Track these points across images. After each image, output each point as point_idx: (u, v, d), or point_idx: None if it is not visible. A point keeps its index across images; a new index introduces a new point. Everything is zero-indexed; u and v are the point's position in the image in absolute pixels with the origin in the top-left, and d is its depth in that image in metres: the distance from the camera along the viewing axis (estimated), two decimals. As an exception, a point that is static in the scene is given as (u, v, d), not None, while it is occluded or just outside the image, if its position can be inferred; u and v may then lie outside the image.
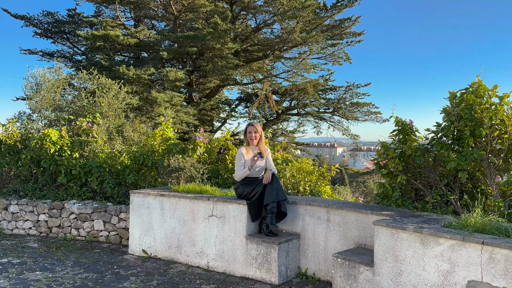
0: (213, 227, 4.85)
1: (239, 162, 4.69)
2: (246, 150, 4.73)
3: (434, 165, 4.23)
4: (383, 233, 3.55)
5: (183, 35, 14.15)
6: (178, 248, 5.16)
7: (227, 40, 14.01)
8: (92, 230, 6.36)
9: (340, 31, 15.68)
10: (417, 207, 4.18)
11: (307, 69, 17.25)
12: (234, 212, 4.68)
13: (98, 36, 13.91)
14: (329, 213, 4.42)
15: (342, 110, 20.89)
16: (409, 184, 4.38)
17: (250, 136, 4.73)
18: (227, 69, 15.15)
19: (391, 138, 4.62)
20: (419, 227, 3.36)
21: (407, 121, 4.48)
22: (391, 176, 4.45)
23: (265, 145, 4.84)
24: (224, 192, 5.15)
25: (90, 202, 6.59)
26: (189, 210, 5.05)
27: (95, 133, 7.48)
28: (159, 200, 5.32)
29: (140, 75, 13.59)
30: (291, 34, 14.89)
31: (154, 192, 5.39)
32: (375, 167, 4.56)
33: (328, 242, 4.41)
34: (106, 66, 14.17)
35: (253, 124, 4.77)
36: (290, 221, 4.75)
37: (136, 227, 5.54)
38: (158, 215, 5.32)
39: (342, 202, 4.62)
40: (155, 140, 6.66)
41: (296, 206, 4.70)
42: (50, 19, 18.34)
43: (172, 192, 5.35)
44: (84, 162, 6.97)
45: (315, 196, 5.36)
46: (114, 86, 9.23)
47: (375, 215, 4.05)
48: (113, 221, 6.21)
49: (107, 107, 8.56)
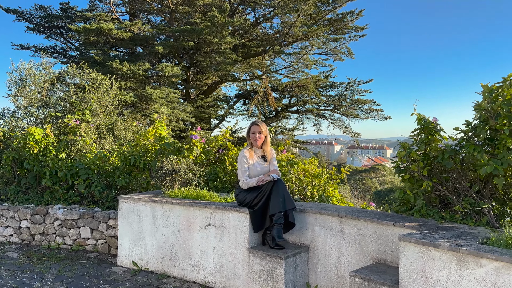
0: (211, 238, 4.32)
1: (242, 168, 4.16)
2: (249, 152, 4.20)
3: (463, 169, 3.71)
4: (411, 251, 3.02)
5: (179, 29, 13.57)
6: (171, 261, 4.62)
7: (225, 34, 13.43)
8: (78, 238, 5.81)
9: (342, 25, 15.12)
10: (445, 217, 3.66)
11: (307, 65, 16.69)
12: (235, 221, 4.15)
13: (90, 30, 13.31)
14: (342, 223, 3.89)
15: (343, 107, 20.37)
16: (433, 191, 3.86)
17: (254, 137, 4.21)
18: (225, 64, 14.58)
19: (411, 138, 4.10)
20: (454, 244, 2.84)
21: (430, 119, 3.96)
22: (412, 182, 3.93)
23: (270, 147, 4.30)
24: (223, 198, 4.61)
25: (77, 207, 6.05)
26: (184, 218, 4.51)
27: (83, 131, 6.92)
28: (150, 206, 4.77)
29: (135, 71, 13.00)
30: (291, 28, 14.33)
31: (145, 197, 4.85)
32: (395, 170, 4.03)
33: (341, 256, 3.89)
34: (99, 61, 13.58)
35: (258, 123, 4.24)
36: (297, 232, 4.22)
37: (126, 236, 5.00)
38: (150, 223, 4.78)
39: (357, 210, 4.09)
40: (147, 139, 6.12)
41: (304, 214, 4.17)
42: (42, 14, 17.72)
43: (165, 197, 4.81)
44: (71, 163, 6.42)
45: (325, 203, 4.83)
46: (105, 82, 8.66)
47: (397, 227, 3.53)
48: (101, 228, 5.67)
49: (97, 103, 7.99)
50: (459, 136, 3.76)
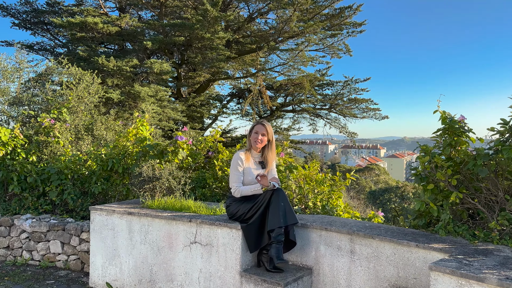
0: (197, 258, 3.66)
1: (235, 172, 3.50)
2: (246, 155, 3.55)
3: (497, 178, 3.09)
4: (446, 284, 2.39)
5: (170, 23, 12.86)
6: (151, 283, 3.95)
7: (217, 29, 12.76)
8: (47, 253, 5.11)
9: (339, 21, 14.50)
10: (477, 236, 3.03)
11: (304, 62, 16.04)
12: (225, 238, 3.49)
13: (75, 24, 12.55)
14: (353, 242, 3.25)
15: (340, 106, 19.78)
16: (462, 203, 3.24)
17: (256, 137, 3.56)
18: (218, 61, 13.89)
19: (433, 140, 3.47)
20: (504, 277, 2.21)
21: (456, 118, 3.34)
22: (436, 192, 3.30)
23: (274, 155, 3.65)
24: (211, 210, 3.95)
25: (48, 217, 5.35)
26: (165, 234, 3.84)
27: (57, 131, 6.22)
28: (126, 219, 4.09)
29: (122, 67, 12.27)
30: (287, 23, 13.68)
31: (120, 209, 4.16)
32: (415, 178, 3.40)
33: (352, 282, 3.25)
34: (84, 57, 12.83)
35: (264, 124, 3.59)
36: (299, 250, 3.57)
37: (98, 254, 4.31)
38: (126, 239, 4.10)
39: (370, 226, 3.46)
40: (128, 140, 5.44)
41: (307, 230, 3.52)
42: (28, 9, 16.95)
43: (144, 209, 4.14)
44: (42, 167, 5.72)
45: (329, 214, 4.17)
46: (86, 77, 7.95)
47: (421, 249, 2.89)
48: (73, 242, 4.97)
49: (75, 101, 7.28)
50: (495, 138, 3.14)
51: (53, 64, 8.29)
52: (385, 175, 70.88)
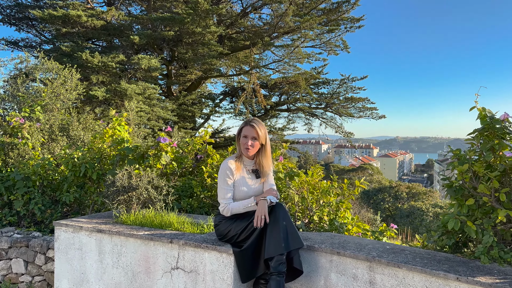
0: (179, 287, 2.99)
1: (224, 185, 2.84)
2: (236, 164, 2.87)
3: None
4: None
5: (158, 16, 12.14)
6: (125, 316, 3.27)
7: (209, 23, 12.07)
8: (9, 273, 4.40)
9: (337, 15, 13.89)
10: (531, 264, 2.41)
11: (299, 59, 15.40)
12: (213, 265, 2.84)
13: (57, 17, 11.79)
14: (373, 270, 2.61)
15: (336, 105, 19.22)
16: (507, 222, 2.62)
17: (245, 143, 2.84)
18: (210, 57, 13.21)
19: (468, 143, 2.85)
20: None
21: (496, 117, 2.72)
22: (474, 208, 2.67)
23: (269, 161, 2.94)
24: (198, 226, 3.29)
25: (12, 231, 4.64)
26: (142, 257, 3.17)
27: (26, 132, 5.51)
28: (96, 238, 3.42)
29: (107, 63, 11.55)
30: (282, 18, 13.03)
31: (89, 225, 3.48)
32: (447, 190, 2.78)
33: (371, 321, 2.61)
34: (67, 53, 12.08)
35: (254, 124, 2.83)
36: (304, 278, 2.92)
37: (64, 278, 3.63)
38: (95, 261, 3.42)
39: (392, 248, 2.82)
40: (103, 141, 4.75)
41: (314, 254, 2.88)
42: (12, 3, 16.12)
43: (117, 225, 3.46)
44: (7, 172, 5.01)
45: (339, 232, 3.52)
46: (63, 72, 7.23)
47: (464, 283, 2.26)
48: (38, 261, 4.27)
49: (50, 97, 6.57)
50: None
51: (27, 58, 7.55)
52: (378, 175, 70.80)
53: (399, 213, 37.48)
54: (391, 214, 39.47)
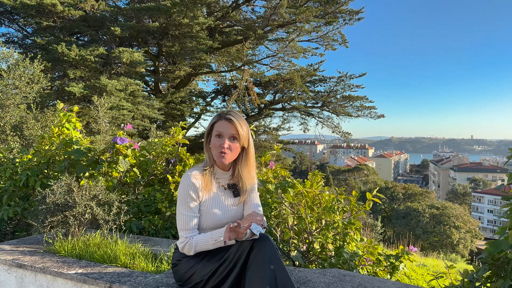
0: None
1: (183, 209, 1.93)
2: (204, 179, 1.96)
3: None
4: None
5: (141, 6, 11.20)
6: None
7: (197, 13, 11.15)
8: None
9: (335, 8, 13.02)
10: None
11: (295, 53, 14.51)
12: (168, 325, 1.92)
13: (29, 6, 10.79)
14: None
15: (333, 104, 18.36)
16: None
17: (219, 144, 1.92)
18: (199, 52, 12.29)
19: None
20: None
21: None
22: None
23: (252, 172, 2.04)
24: (155, 260, 2.38)
25: None
26: (73, 306, 2.25)
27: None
28: (16, 275, 2.49)
29: (85, 56, 10.58)
30: (276, 10, 12.13)
31: (9, 256, 2.55)
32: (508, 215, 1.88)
33: None
34: (42, 45, 11.11)
35: (231, 118, 1.91)
36: None
37: (-23, 328, 2.69)
38: (14, 308, 2.49)
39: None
40: (52, 143, 3.82)
41: (316, 307, 1.96)
42: (-10, -4, 15.13)
43: (48, 256, 2.53)
44: None
45: (350, 268, 2.56)
46: (24, 63, 6.28)
47: None
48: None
49: (2, 91, 5.61)
50: None
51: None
52: (374, 175, 70.30)
53: (396, 214, 36.86)
54: (387, 215, 38.83)
